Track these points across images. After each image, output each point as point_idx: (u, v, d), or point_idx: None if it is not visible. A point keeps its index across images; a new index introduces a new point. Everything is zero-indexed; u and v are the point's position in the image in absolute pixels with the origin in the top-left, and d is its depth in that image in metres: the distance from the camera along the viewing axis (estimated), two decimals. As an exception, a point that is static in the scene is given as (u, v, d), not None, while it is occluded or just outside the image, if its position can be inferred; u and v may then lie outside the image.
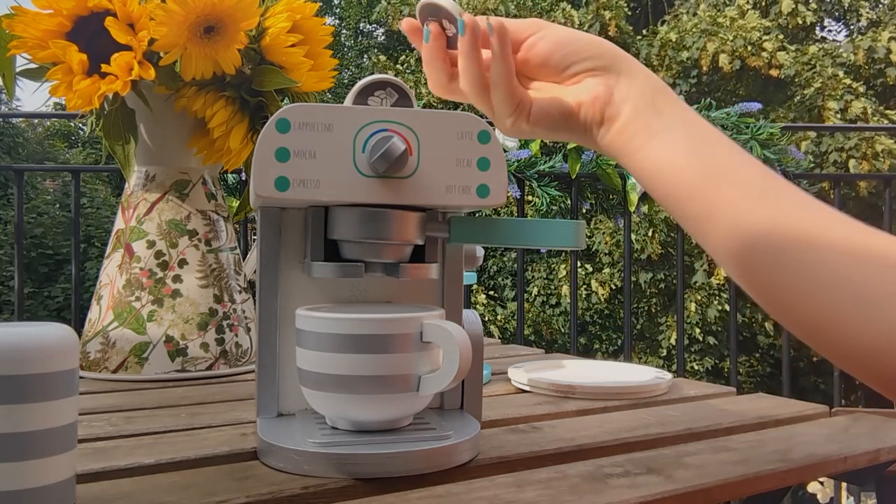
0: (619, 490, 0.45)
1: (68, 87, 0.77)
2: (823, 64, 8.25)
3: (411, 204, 0.51)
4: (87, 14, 0.78)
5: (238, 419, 0.63)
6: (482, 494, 0.44)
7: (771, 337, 7.50)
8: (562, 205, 2.03)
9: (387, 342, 0.48)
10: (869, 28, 9.46)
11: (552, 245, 0.53)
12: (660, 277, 7.61)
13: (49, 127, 14.10)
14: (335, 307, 0.55)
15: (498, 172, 0.52)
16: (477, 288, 7.69)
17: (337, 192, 0.49)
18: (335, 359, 0.48)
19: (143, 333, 0.83)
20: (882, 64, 8.39)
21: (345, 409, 0.50)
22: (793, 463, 0.52)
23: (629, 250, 2.21)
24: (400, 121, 0.50)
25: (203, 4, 0.75)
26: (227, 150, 0.85)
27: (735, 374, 2.21)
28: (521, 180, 1.92)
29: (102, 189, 9.93)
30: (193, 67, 0.79)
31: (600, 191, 2.07)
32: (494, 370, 0.86)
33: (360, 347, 0.47)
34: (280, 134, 0.49)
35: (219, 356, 0.85)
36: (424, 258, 0.54)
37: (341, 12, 13.68)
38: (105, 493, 0.44)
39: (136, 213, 0.87)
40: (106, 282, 0.87)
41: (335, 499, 0.45)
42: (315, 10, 0.87)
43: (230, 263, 0.90)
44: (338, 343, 0.48)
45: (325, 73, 0.90)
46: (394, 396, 0.49)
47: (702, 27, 8.38)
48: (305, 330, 0.50)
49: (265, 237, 0.54)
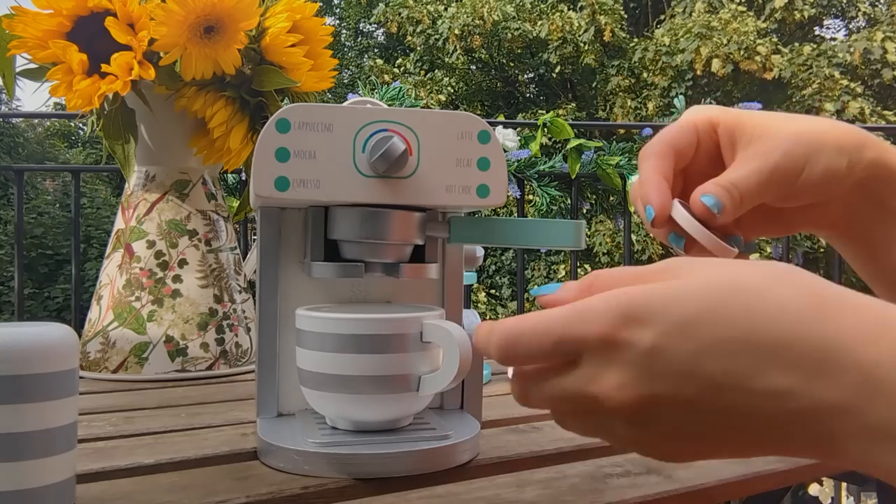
0: (619, 490, 0.45)
1: (68, 87, 0.77)
2: (819, 64, 8.25)
3: (411, 204, 0.51)
4: (87, 14, 0.78)
5: (238, 419, 0.63)
6: (482, 494, 0.44)
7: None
8: (562, 205, 2.03)
9: (387, 342, 0.47)
10: (867, 26, 9.47)
11: (552, 245, 0.53)
12: (661, 278, 7.60)
13: (49, 127, 14.09)
14: (335, 307, 0.55)
15: (498, 172, 0.52)
16: (477, 287, 7.69)
17: (337, 192, 0.49)
18: (335, 359, 0.48)
19: (143, 333, 0.83)
20: (878, 64, 8.40)
21: (345, 409, 0.50)
22: (793, 463, 0.52)
23: (629, 250, 2.21)
24: (400, 121, 0.50)
25: (203, 4, 0.75)
26: (227, 150, 0.85)
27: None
28: (521, 180, 1.92)
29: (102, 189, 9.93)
30: (193, 67, 0.79)
31: (600, 191, 2.07)
32: (494, 370, 0.86)
33: (360, 347, 0.47)
34: (280, 134, 0.49)
35: (219, 356, 0.85)
36: (424, 258, 0.54)
37: (341, 12, 13.68)
38: (105, 493, 0.44)
39: (136, 213, 0.87)
40: (106, 282, 0.87)
41: (335, 499, 0.45)
42: (315, 10, 0.87)
43: (230, 263, 0.90)
44: (338, 343, 0.48)
45: (325, 73, 0.90)
46: (394, 396, 0.49)
47: (695, 31, 8.39)
48: (305, 330, 0.50)
49: (265, 237, 0.54)
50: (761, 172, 0.45)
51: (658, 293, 0.31)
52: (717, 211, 0.44)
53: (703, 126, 0.50)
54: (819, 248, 6.89)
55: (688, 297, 0.30)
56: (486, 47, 9.55)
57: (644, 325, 0.30)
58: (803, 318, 0.29)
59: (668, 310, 0.30)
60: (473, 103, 10.04)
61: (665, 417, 0.31)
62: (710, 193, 0.45)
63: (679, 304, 0.30)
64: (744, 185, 0.45)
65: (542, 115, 1.95)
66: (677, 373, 0.30)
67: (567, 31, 8.89)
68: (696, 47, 8.26)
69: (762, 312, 0.29)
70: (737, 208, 0.45)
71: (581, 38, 8.88)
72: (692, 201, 0.45)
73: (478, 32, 9.09)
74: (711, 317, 0.30)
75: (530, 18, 9.31)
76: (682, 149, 0.49)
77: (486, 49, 9.61)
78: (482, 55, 9.78)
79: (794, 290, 0.30)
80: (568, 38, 8.97)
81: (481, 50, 9.52)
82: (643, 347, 0.30)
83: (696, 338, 0.29)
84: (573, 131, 1.90)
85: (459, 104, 9.76)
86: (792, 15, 9.11)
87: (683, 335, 0.30)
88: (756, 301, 0.29)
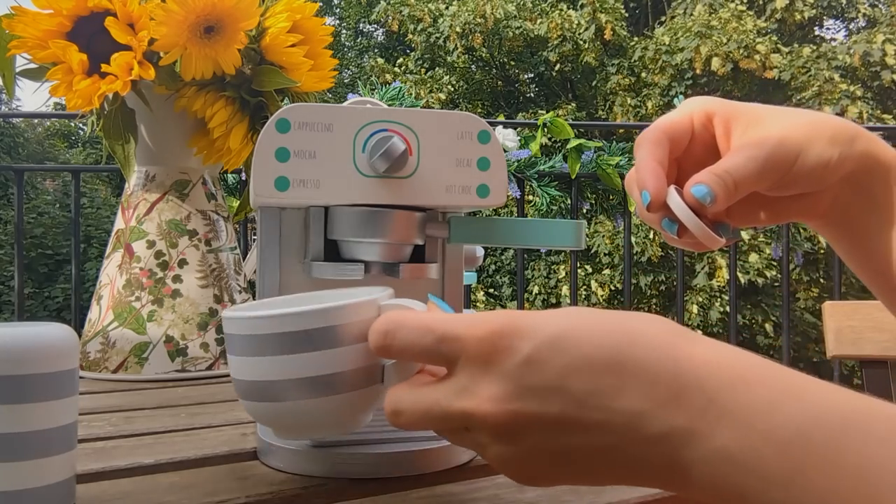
0: (618, 490, 0.45)
1: (68, 87, 0.77)
2: (819, 67, 8.26)
3: (411, 204, 0.51)
4: (87, 14, 0.78)
5: (238, 419, 0.63)
6: (482, 494, 0.44)
7: (771, 338, 7.50)
8: (562, 205, 2.04)
9: (344, 333, 0.39)
10: (867, 27, 9.46)
11: (552, 245, 0.53)
12: (661, 279, 7.61)
13: (49, 127, 14.11)
14: (261, 304, 0.48)
15: (498, 172, 0.52)
16: (477, 287, 7.69)
17: (337, 192, 0.49)
18: (274, 363, 0.39)
19: (143, 333, 0.83)
20: (878, 66, 8.40)
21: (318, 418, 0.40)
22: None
23: (629, 250, 2.21)
24: (400, 121, 0.50)
25: (203, 4, 0.75)
26: (227, 150, 0.85)
27: (735, 375, 2.21)
28: (521, 180, 1.92)
29: (102, 189, 9.94)
30: (193, 67, 0.79)
31: (600, 191, 2.07)
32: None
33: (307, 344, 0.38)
34: (280, 134, 0.49)
35: (219, 356, 0.85)
36: (424, 258, 0.54)
37: (341, 12, 13.68)
38: (105, 493, 0.44)
39: (136, 213, 0.87)
40: (106, 282, 0.87)
41: (335, 499, 0.45)
42: (315, 10, 0.87)
43: (230, 263, 0.90)
44: (264, 345, 0.39)
45: (325, 73, 0.90)
46: (360, 393, 0.40)
47: (695, 30, 8.39)
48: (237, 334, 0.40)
49: (265, 237, 0.54)
50: (756, 160, 0.46)
51: (542, 314, 0.32)
52: (710, 201, 0.45)
53: (699, 116, 0.50)
54: (819, 248, 6.90)
55: (566, 314, 0.32)
56: (487, 46, 9.56)
57: (524, 336, 0.31)
58: (661, 346, 0.30)
59: (547, 323, 0.31)
60: (474, 102, 10.05)
61: (530, 435, 0.31)
62: (704, 183, 0.45)
63: (556, 319, 0.32)
64: (738, 173, 0.45)
65: (542, 115, 1.95)
66: (546, 388, 0.30)
67: (567, 28, 8.89)
68: (696, 46, 8.27)
69: (627, 337, 0.31)
70: (730, 196, 0.45)
71: (581, 36, 8.88)
72: (685, 190, 0.46)
73: (479, 31, 9.09)
74: (581, 334, 0.31)
75: (531, 17, 9.31)
76: (678, 137, 0.49)
77: (487, 48, 9.62)
78: (483, 54, 9.79)
79: (657, 324, 0.32)
80: (568, 37, 8.98)
81: (482, 48, 9.53)
82: (520, 357, 0.31)
83: (566, 353, 0.30)
84: (573, 131, 1.91)
85: (460, 103, 9.77)
86: (792, 16, 9.11)
87: (556, 349, 0.31)
88: (623, 327, 0.31)
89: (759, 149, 0.46)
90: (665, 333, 0.31)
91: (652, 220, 0.50)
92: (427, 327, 0.34)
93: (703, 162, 0.49)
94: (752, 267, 6.97)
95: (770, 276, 7.06)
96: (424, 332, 0.34)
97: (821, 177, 0.47)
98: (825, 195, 0.50)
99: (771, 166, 0.46)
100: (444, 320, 0.34)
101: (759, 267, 6.98)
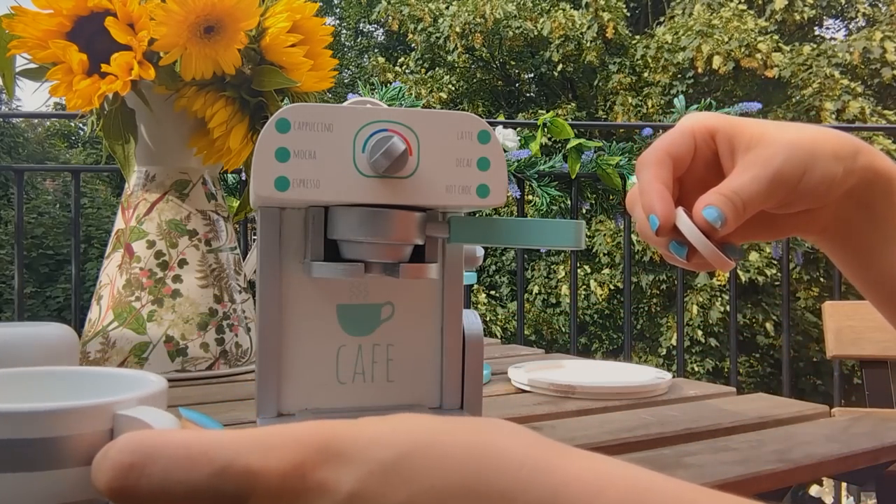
0: None
1: (68, 87, 0.77)
2: (819, 64, 8.26)
3: (411, 204, 0.51)
4: (87, 14, 0.78)
5: (238, 419, 0.63)
6: None
7: (771, 337, 7.50)
8: (562, 205, 2.04)
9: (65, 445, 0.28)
10: (867, 26, 9.47)
11: (552, 245, 0.53)
12: (661, 279, 7.61)
13: (49, 127, 14.11)
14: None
15: (498, 172, 0.52)
16: (477, 288, 7.69)
17: (337, 192, 0.49)
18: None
19: (143, 333, 0.83)
20: (878, 64, 8.40)
21: None
22: (792, 463, 0.52)
23: (629, 250, 2.21)
24: (400, 121, 0.50)
25: (203, 4, 0.75)
26: (227, 150, 0.85)
27: (735, 375, 2.22)
28: (521, 180, 1.92)
29: (102, 189, 9.94)
30: (193, 67, 0.79)
31: (600, 191, 2.07)
32: (494, 370, 0.86)
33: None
34: (280, 134, 0.49)
35: (219, 356, 0.85)
36: (424, 258, 0.54)
37: (341, 12, 13.68)
38: (105, 493, 0.44)
39: (136, 213, 0.87)
40: (106, 282, 0.87)
41: (335, 499, 0.44)
42: (315, 10, 0.87)
43: (230, 263, 0.90)
44: None
45: (325, 73, 0.90)
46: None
47: (697, 28, 8.40)
48: None
49: (265, 237, 0.54)
50: (763, 179, 0.45)
51: (367, 426, 0.24)
52: (721, 224, 0.44)
53: (701, 133, 0.50)
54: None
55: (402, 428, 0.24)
56: (488, 45, 9.56)
57: (346, 462, 0.23)
58: (528, 466, 0.24)
59: (377, 442, 0.24)
60: (474, 101, 10.05)
61: None
62: (713, 205, 0.44)
63: (390, 436, 0.24)
64: (746, 193, 0.45)
65: (542, 115, 1.95)
66: None
67: (569, 28, 8.89)
68: (698, 45, 8.27)
69: (485, 458, 0.24)
70: (739, 217, 0.45)
71: (584, 35, 8.88)
72: (695, 212, 0.45)
73: (479, 30, 9.09)
74: (426, 458, 0.23)
75: (531, 17, 9.31)
76: (681, 156, 0.49)
77: (487, 47, 9.62)
78: (483, 53, 9.79)
79: (516, 438, 0.26)
80: (570, 36, 8.98)
81: (482, 48, 9.53)
82: (341, 497, 0.23)
83: (408, 482, 0.23)
84: (573, 131, 1.91)
85: (460, 102, 9.77)
86: (792, 16, 9.11)
87: (393, 478, 0.23)
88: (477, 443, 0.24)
89: (764, 168, 0.46)
90: (532, 447, 0.25)
91: (658, 243, 0.48)
92: (198, 455, 0.23)
93: (705, 179, 0.48)
94: (752, 265, 6.98)
95: (770, 275, 7.06)
96: (195, 461, 0.23)
97: (825, 193, 0.47)
98: (826, 210, 0.50)
99: (777, 185, 0.46)
100: (223, 443, 0.23)
101: (759, 265, 6.99)
